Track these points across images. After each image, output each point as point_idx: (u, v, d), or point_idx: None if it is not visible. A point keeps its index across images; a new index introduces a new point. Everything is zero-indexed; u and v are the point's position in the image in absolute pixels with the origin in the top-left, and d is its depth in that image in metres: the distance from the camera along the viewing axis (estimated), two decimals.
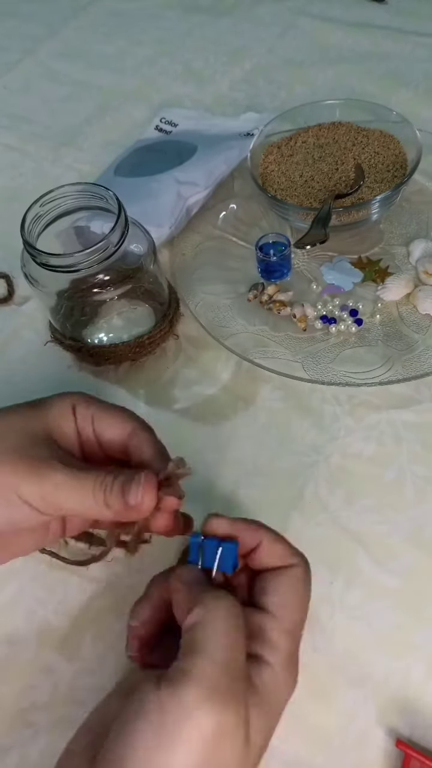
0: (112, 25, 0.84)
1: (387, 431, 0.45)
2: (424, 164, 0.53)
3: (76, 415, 0.34)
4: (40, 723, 0.36)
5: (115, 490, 0.30)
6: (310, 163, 0.57)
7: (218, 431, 0.46)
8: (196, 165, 0.57)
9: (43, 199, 0.42)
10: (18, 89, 0.77)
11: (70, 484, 0.30)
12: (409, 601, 0.38)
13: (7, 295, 0.56)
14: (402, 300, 0.51)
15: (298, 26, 0.79)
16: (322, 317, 0.50)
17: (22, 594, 0.40)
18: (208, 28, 0.81)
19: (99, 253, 0.41)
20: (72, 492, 0.30)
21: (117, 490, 0.30)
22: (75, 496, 0.30)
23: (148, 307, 0.50)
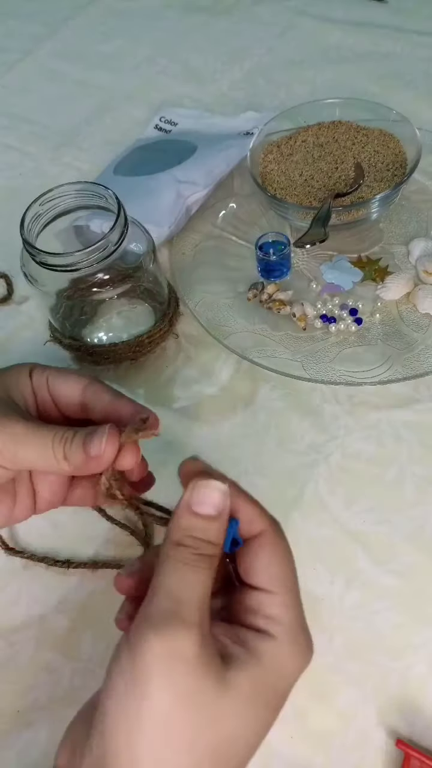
0: (112, 25, 0.84)
1: (387, 431, 0.45)
2: (423, 163, 0.53)
3: (32, 378, 0.34)
4: (40, 723, 0.36)
5: (75, 443, 0.30)
6: (309, 162, 0.57)
7: (218, 430, 0.46)
8: (195, 164, 0.57)
9: (42, 198, 0.42)
10: (17, 89, 0.77)
11: (28, 435, 0.31)
12: (409, 601, 0.38)
13: (6, 295, 0.56)
14: (402, 299, 0.51)
15: (297, 26, 0.79)
16: (322, 316, 0.50)
17: (22, 594, 0.40)
18: (208, 27, 0.81)
19: (98, 252, 0.41)
20: (30, 443, 0.31)
21: (77, 443, 0.30)
22: (33, 447, 0.31)
23: (147, 306, 0.50)
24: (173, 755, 0.24)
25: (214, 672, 0.25)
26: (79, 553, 0.41)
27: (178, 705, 0.24)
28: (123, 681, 0.25)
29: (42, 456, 0.31)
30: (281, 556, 0.29)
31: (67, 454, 0.31)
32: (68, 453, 0.30)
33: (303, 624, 0.28)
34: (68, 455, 0.31)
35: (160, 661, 0.24)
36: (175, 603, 0.26)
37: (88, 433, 0.31)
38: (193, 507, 0.28)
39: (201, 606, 0.26)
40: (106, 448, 0.30)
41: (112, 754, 0.24)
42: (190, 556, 0.27)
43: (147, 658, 0.24)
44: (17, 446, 0.31)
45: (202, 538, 0.27)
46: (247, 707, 0.26)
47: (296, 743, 0.34)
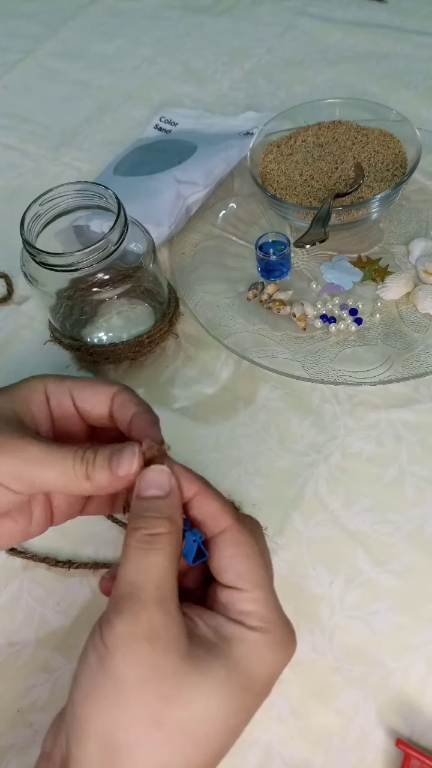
0: (112, 25, 0.84)
1: (387, 431, 0.45)
2: (423, 163, 0.53)
3: (48, 392, 0.33)
4: (39, 723, 0.36)
5: (98, 463, 0.30)
6: (309, 162, 0.57)
7: (218, 430, 0.46)
8: (195, 164, 0.57)
9: (42, 198, 0.42)
10: (18, 89, 0.77)
11: (46, 458, 0.30)
12: (409, 601, 0.38)
13: (6, 295, 0.56)
14: (402, 299, 0.51)
15: (297, 26, 0.79)
16: (322, 316, 0.50)
17: (22, 594, 0.40)
18: (208, 27, 0.81)
19: (98, 252, 0.41)
20: (49, 466, 0.30)
21: (101, 462, 0.30)
22: (52, 470, 0.30)
23: (147, 306, 0.50)
24: (143, 729, 0.25)
25: (179, 648, 0.25)
26: (80, 553, 0.41)
27: (142, 680, 0.25)
28: (94, 658, 0.26)
29: (62, 478, 0.30)
30: (246, 552, 0.29)
31: (90, 474, 0.30)
32: (91, 473, 0.30)
33: (279, 616, 0.28)
34: (91, 475, 0.30)
35: (121, 639, 0.25)
36: (132, 586, 0.26)
37: (113, 451, 0.30)
38: (141, 493, 0.29)
39: (159, 585, 0.26)
40: (137, 468, 0.30)
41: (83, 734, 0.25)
42: (143, 537, 0.27)
43: (111, 638, 0.25)
44: (34, 470, 0.29)
45: (153, 515, 0.28)
46: (219, 687, 0.26)
47: (296, 743, 0.34)
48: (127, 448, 0.30)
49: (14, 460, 0.29)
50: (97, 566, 0.40)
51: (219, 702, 0.26)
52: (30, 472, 0.30)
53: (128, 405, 0.33)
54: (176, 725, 0.25)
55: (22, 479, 0.30)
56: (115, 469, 0.29)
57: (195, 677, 0.25)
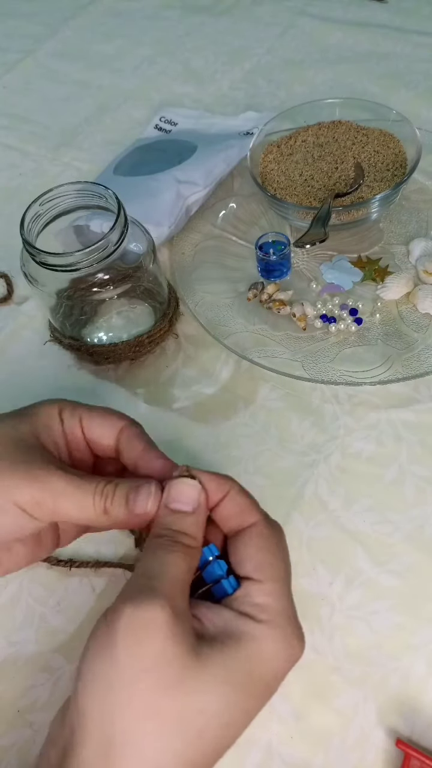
0: (112, 25, 0.84)
1: (387, 431, 0.45)
2: (423, 163, 0.53)
3: (63, 418, 0.33)
4: (39, 723, 0.36)
5: (116, 499, 0.30)
6: (309, 162, 0.57)
7: (218, 430, 0.46)
8: (195, 164, 0.57)
9: (42, 198, 0.42)
10: (18, 89, 0.77)
11: (69, 489, 0.30)
12: (409, 601, 0.38)
13: (6, 295, 0.56)
14: (402, 299, 0.51)
15: (297, 26, 0.79)
16: (322, 316, 0.50)
17: (22, 593, 0.40)
18: (208, 27, 0.81)
19: (98, 252, 0.41)
20: (70, 498, 0.30)
21: (120, 499, 0.30)
22: (74, 502, 0.30)
23: (147, 306, 0.50)
24: (140, 719, 0.25)
25: (184, 643, 0.25)
26: (81, 552, 0.41)
27: (143, 668, 0.25)
28: (96, 644, 0.26)
29: (82, 510, 0.30)
30: (270, 546, 0.29)
31: (108, 509, 0.30)
32: (109, 508, 0.30)
33: (291, 614, 0.29)
34: (109, 510, 0.30)
35: (128, 626, 0.25)
36: (147, 578, 0.27)
37: (131, 489, 0.30)
38: (170, 504, 0.29)
39: (173, 581, 0.27)
40: (152, 507, 0.30)
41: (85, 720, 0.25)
42: (166, 542, 0.28)
43: (117, 623, 0.25)
44: (57, 500, 0.30)
45: (178, 530, 0.28)
46: (220, 684, 0.26)
47: (296, 743, 0.34)
48: (144, 486, 0.30)
49: (38, 489, 0.30)
50: (98, 565, 0.40)
51: (219, 697, 0.26)
52: (52, 503, 0.30)
53: (135, 441, 0.33)
54: (173, 716, 0.25)
55: (44, 509, 0.30)
56: (131, 507, 0.30)
57: (196, 670, 0.25)
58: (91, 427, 0.33)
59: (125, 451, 0.33)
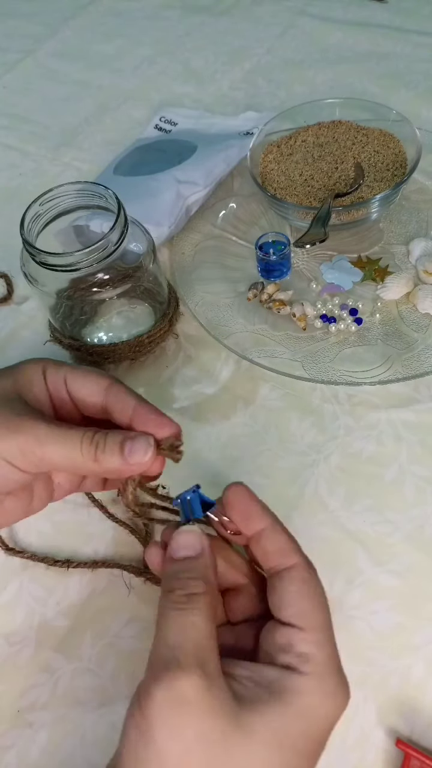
0: (112, 25, 0.84)
1: (387, 431, 0.45)
2: (423, 163, 0.53)
3: (47, 377, 0.33)
4: (39, 722, 0.36)
5: (108, 446, 0.30)
6: (309, 162, 0.57)
7: (218, 430, 0.46)
8: (195, 164, 0.57)
9: (42, 198, 0.42)
10: (18, 89, 0.77)
11: (54, 436, 0.30)
12: (409, 601, 0.38)
13: (6, 295, 0.56)
14: (402, 299, 0.51)
15: (297, 26, 0.79)
16: (322, 316, 0.50)
17: (22, 593, 0.40)
18: (208, 27, 0.81)
19: (98, 252, 0.41)
20: (57, 445, 0.30)
21: (112, 446, 0.30)
22: (60, 449, 0.30)
23: (147, 306, 0.50)
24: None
25: (224, 713, 0.24)
26: (79, 552, 0.41)
27: (186, 750, 0.24)
28: (134, 731, 0.25)
29: (69, 457, 0.30)
30: (312, 592, 0.28)
31: (99, 457, 0.30)
32: (100, 456, 0.30)
33: (337, 665, 0.27)
34: (100, 458, 0.30)
35: (162, 708, 0.24)
36: (171, 649, 0.25)
37: (126, 438, 0.30)
38: (173, 555, 0.29)
39: (198, 647, 0.26)
40: (149, 457, 0.30)
41: None
42: (179, 599, 0.27)
43: (151, 708, 0.24)
44: (42, 448, 0.30)
45: (187, 577, 0.28)
46: (267, 750, 0.24)
47: None
48: (141, 438, 0.30)
49: (23, 438, 0.29)
50: (96, 565, 0.40)
51: (269, 762, 0.24)
52: (38, 451, 0.30)
53: (124, 397, 0.33)
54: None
55: (30, 458, 0.30)
56: (127, 456, 0.30)
57: (241, 740, 0.24)
58: (76, 385, 0.33)
59: (116, 407, 0.33)
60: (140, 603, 0.39)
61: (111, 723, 0.35)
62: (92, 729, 0.36)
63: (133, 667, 0.37)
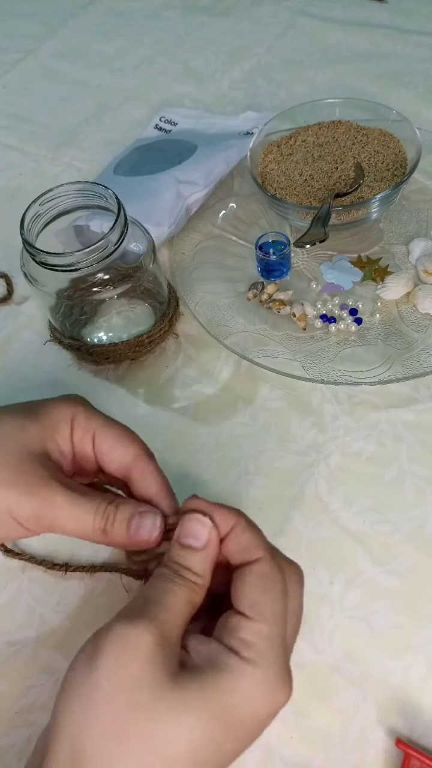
0: (112, 25, 0.84)
1: (387, 431, 0.45)
2: (423, 163, 0.53)
3: (74, 429, 0.33)
4: (39, 723, 0.36)
5: (118, 522, 0.31)
6: (309, 162, 0.57)
7: (218, 430, 0.46)
8: (195, 164, 0.57)
9: (42, 198, 0.42)
10: (17, 89, 0.77)
11: (69, 507, 0.30)
12: (409, 601, 0.38)
13: (6, 295, 0.56)
14: (402, 299, 0.51)
15: (297, 26, 0.79)
16: (322, 316, 0.50)
17: (22, 593, 0.40)
18: (208, 27, 0.81)
19: (98, 252, 0.41)
20: (71, 516, 0.30)
21: (121, 522, 0.31)
22: (74, 520, 0.31)
23: (147, 306, 0.50)
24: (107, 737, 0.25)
25: (164, 668, 0.25)
26: (78, 553, 0.41)
27: (119, 686, 0.25)
28: (82, 655, 0.26)
29: (79, 528, 0.31)
30: (270, 586, 0.28)
31: (107, 530, 0.31)
32: (108, 529, 0.31)
33: (281, 660, 0.27)
34: (108, 531, 0.31)
35: (112, 642, 0.26)
36: (144, 601, 0.27)
37: (133, 514, 0.31)
38: (181, 539, 0.29)
39: (168, 608, 0.27)
40: (155, 537, 0.31)
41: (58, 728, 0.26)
42: (170, 573, 0.28)
43: (104, 641, 0.26)
44: (55, 515, 0.30)
45: (186, 565, 0.29)
46: (194, 712, 0.25)
47: (296, 743, 0.34)
48: (149, 516, 0.31)
49: (39, 505, 0.30)
50: (95, 569, 0.40)
51: (192, 727, 0.25)
52: (51, 519, 0.30)
53: (150, 479, 0.33)
54: (142, 740, 0.24)
55: (42, 522, 0.31)
56: (133, 534, 0.30)
57: (171, 695, 0.25)
58: (104, 447, 0.33)
59: (138, 485, 0.33)
60: None
61: None
62: None
63: None
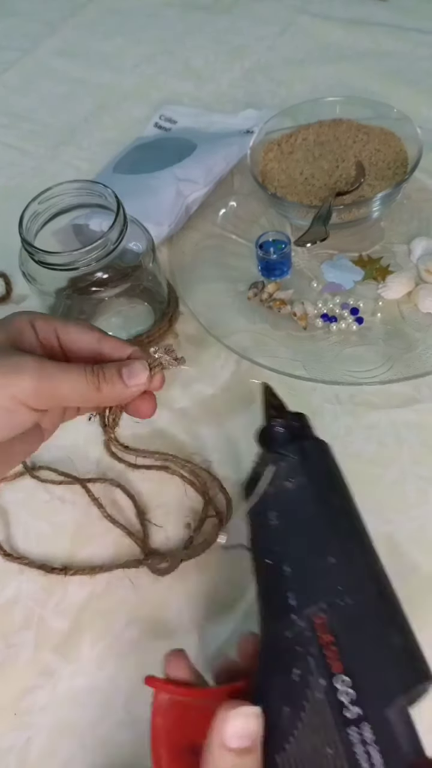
0: (111, 24, 0.84)
1: (388, 431, 0.45)
2: (425, 162, 0.52)
3: (37, 328, 0.34)
4: (38, 724, 0.36)
5: (108, 376, 0.32)
6: (310, 160, 0.56)
7: (218, 430, 0.46)
8: (195, 162, 0.56)
9: (41, 197, 0.42)
10: (17, 87, 0.77)
11: (61, 371, 0.31)
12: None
13: (5, 294, 0.56)
14: (403, 298, 0.51)
15: (297, 24, 0.79)
16: (323, 315, 0.50)
17: (21, 595, 0.40)
18: (208, 26, 0.81)
19: (97, 251, 0.40)
20: (66, 379, 0.31)
21: (111, 375, 0.32)
22: (69, 382, 0.31)
23: (147, 305, 0.50)
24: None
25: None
26: (77, 554, 0.41)
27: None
28: None
29: (77, 389, 0.32)
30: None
31: (102, 386, 0.32)
32: (103, 385, 0.32)
33: None
34: (103, 387, 0.32)
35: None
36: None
37: (121, 365, 0.32)
38: (227, 743, 0.24)
39: None
40: (146, 379, 0.32)
41: None
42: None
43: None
44: (52, 383, 0.31)
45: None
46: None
47: None
48: (135, 361, 0.33)
49: (33, 377, 0.31)
50: (94, 570, 0.40)
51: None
52: (49, 386, 0.31)
53: (121, 345, 0.34)
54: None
55: (42, 395, 0.31)
56: (127, 380, 0.32)
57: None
58: (70, 336, 0.34)
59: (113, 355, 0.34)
60: (140, 604, 0.39)
61: (111, 725, 0.35)
62: (91, 731, 0.35)
63: (133, 669, 0.37)
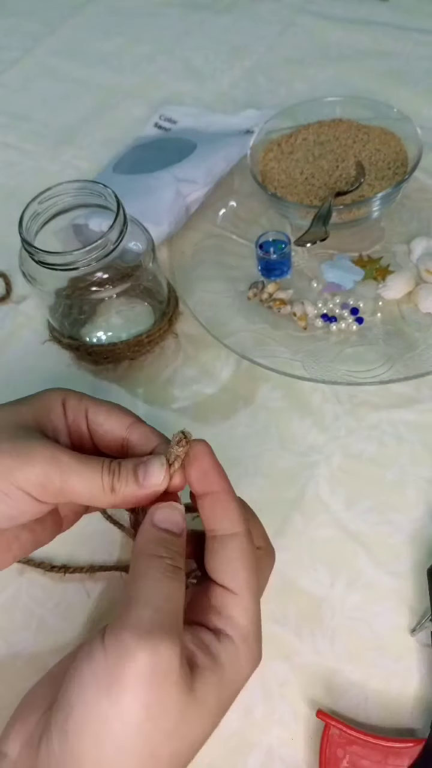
0: (111, 23, 0.84)
1: (388, 431, 0.45)
2: (425, 162, 0.52)
3: (67, 409, 0.33)
4: None
5: (123, 475, 0.30)
6: (310, 160, 0.56)
7: (218, 431, 0.46)
8: (195, 162, 0.56)
9: (41, 197, 0.42)
10: (16, 87, 0.77)
11: (77, 466, 0.29)
12: (410, 603, 0.38)
13: (5, 294, 0.56)
14: (403, 298, 0.50)
15: (298, 24, 0.79)
16: (323, 315, 0.50)
17: (21, 595, 0.40)
18: (208, 25, 0.81)
19: (97, 251, 0.40)
20: (78, 476, 0.29)
21: (127, 474, 0.30)
22: (82, 480, 0.29)
23: (147, 305, 0.50)
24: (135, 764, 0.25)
25: (185, 685, 0.25)
26: (76, 554, 0.41)
27: (149, 717, 0.24)
28: (95, 684, 0.25)
29: (90, 488, 0.29)
30: (249, 561, 0.29)
31: (116, 486, 0.29)
32: (116, 484, 0.29)
33: (258, 631, 0.29)
34: (116, 487, 0.29)
35: (140, 671, 0.24)
36: (158, 612, 0.26)
37: (137, 464, 0.30)
38: (159, 524, 0.29)
39: (179, 618, 0.27)
40: (164, 480, 0.30)
41: (75, 756, 0.25)
42: (168, 567, 0.27)
43: (126, 666, 0.24)
44: (65, 477, 0.29)
45: (174, 550, 0.28)
46: (210, 717, 0.26)
47: (297, 744, 0.34)
48: (153, 458, 0.30)
49: (45, 467, 0.29)
50: (93, 570, 0.40)
51: (205, 730, 0.27)
52: (60, 481, 0.29)
53: (149, 436, 0.32)
54: (166, 757, 0.25)
55: (50, 488, 0.29)
56: (142, 481, 0.29)
57: (194, 713, 0.26)
58: (98, 419, 0.32)
59: (138, 447, 0.32)
60: None
61: None
62: None
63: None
